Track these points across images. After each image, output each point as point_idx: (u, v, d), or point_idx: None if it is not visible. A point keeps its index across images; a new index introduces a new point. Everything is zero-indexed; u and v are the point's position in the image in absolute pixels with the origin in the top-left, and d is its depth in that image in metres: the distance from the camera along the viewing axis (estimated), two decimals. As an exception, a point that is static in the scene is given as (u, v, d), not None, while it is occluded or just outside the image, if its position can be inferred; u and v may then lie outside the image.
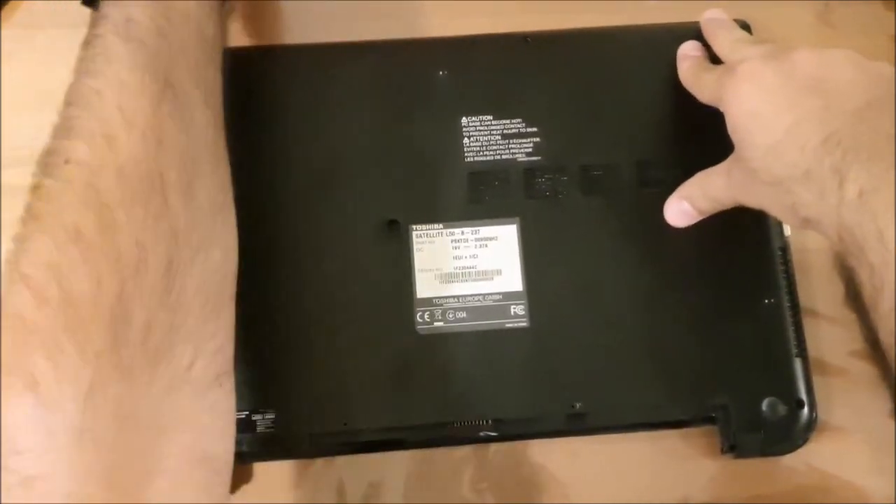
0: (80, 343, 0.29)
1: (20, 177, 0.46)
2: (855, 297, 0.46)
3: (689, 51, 0.46)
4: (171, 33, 0.36)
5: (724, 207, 0.42)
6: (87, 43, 0.35)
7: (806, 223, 0.37)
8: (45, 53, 0.49)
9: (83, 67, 0.35)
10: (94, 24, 0.36)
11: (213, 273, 0.35)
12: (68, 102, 0.34)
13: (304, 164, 0.45)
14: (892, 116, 0.34)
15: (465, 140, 0.46)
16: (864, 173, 0.33)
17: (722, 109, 0.40)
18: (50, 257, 0.30)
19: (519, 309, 0.43)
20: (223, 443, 0.34)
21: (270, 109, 0.45)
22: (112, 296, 0.30)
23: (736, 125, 0.39)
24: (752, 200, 0.40)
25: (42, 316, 0.29)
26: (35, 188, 0.32)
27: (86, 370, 0.29)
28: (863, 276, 0.34)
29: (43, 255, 0.30)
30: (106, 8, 0.36)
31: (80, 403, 0.29)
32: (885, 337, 0.34)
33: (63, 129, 0.33)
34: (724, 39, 0.44)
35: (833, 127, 0.35)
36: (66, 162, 0.32)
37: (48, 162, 0.33)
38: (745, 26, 0.48)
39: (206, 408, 0.33)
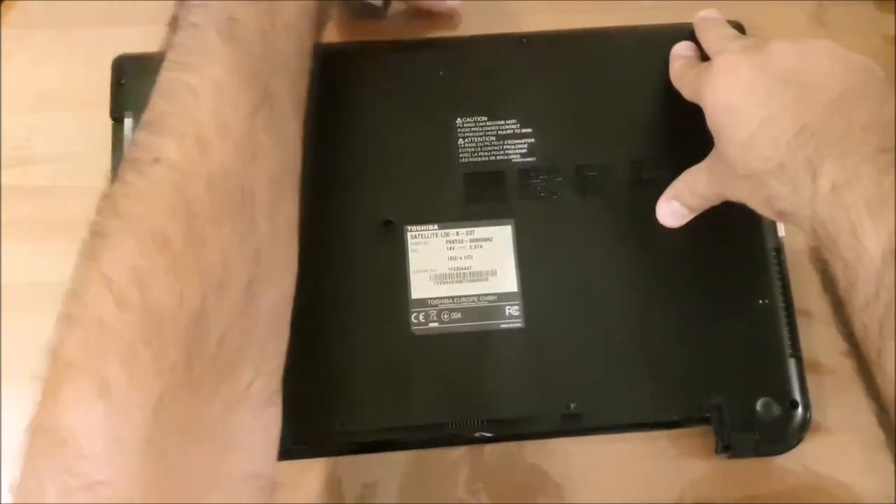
0: (155, 353, 0.28)
1: (17, 177, 0.47)
2: (830, 290, 0.46)
3: (681, 51, 0.46)
4: (274, 40, 0.34)
5: (712, 203, 0.42)
6: (180, 29, 0.34)
7: (781, 216, 0.37)
8: (41, 53, 0.49)
9: (177, 58, 0.33)
10: (188, 8, 0.34)
11: (283, 295, 0.34)
12: (159, 93, 0.32)
13: (299, 164, 0.45)
14: (866, 106, 0.34)
15: (460, 141, 0.46)
16: (837, 167, 0.33)
17: (701, 104, 0.40)
18: (134, 262, 0.29)
19: (514, 310, 0.43)
20: (270, 461, 0.34)
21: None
22: (192, 310, 0.29)
23: (713, 119, 0.39)
24: (733, 194, 0.40)
25: (121, 322, 0.28)
26: (121, 182, 0.31)
27: (158, 381, 0.28)
28: (837, 270, 0.34)
29: (127, 259, 0.29)
30: None
31: (149, 414, 0.28)
32: (859, 331, 0.34)
33: (153, 124, 0.32)
34: (712, 36, 0.44)
35: (806, 119, 0.35)
36: (156, 161, 0.31)
37: (136, 157, 0.31)
38: (739, 27, 0.48)
39: (260, 427, 0.32)
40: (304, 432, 0.41)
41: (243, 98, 0.32)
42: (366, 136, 0.45)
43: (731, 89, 0.38)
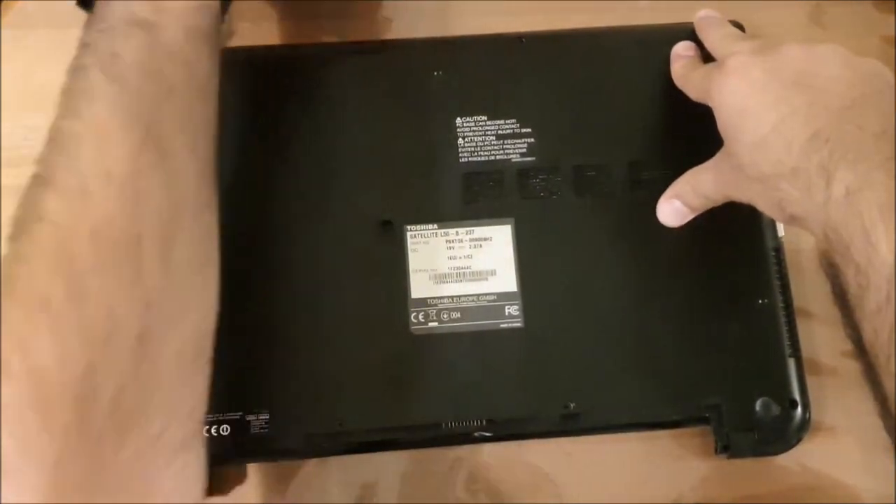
0: (44, 418, 0.28)
1: (16, 177, 0.46)
2: (840, 294, 0.46)
3: (682, 51, 0.46)
4: (157, 72, 0.33)
5: (715, 204, 0.42)
6: (74, 71, 0.33)
7: (793, 220, 0.37)
8: (38, 53, 0.49)
9: (66, 102, 0.33)
10: (81, 49, 0.34)
11: (189, 337, 0.33)
12: (48, 143, 0.32)
13: (298, 164, 0.45)
14: (879, 114, 0.35)
15: (460, 140, 0.46)
16: (851, 172, 0.33)
17: (710, 105, 0.40)
18: (16, 327, 0.29)
19: (513, 309, 0.43)
20: (192, 502, 0.33)
21: (264, 109, 0.45)
22: (79, 368, 0.29)
23: (723, 121, 0.39)
24: (741, 195, 0.40)
25: (6, 391, 0.28)
26: (12, 242, 0.30)
27: (52, 445, 0.28)
28: (848, 275, 0.34)
29: (9, 325, 0.29)
30: (94, 33, 0.34)
31: (47, 477, 0.28)
32: (869, 336, 0.34)
33: (40, 178, 0.31)
34: (715, 36, 0.44)
35: (820, 124, 0.35)
36: (40, 219, 0.30)
37: (23, 216, 0.31)
38: (738, 27, 0.48)
39: (175, 472, 0.32)
40: (303, 432, 0.41)
41: (126, 139, 0.32)
42: (365, 136, 0.45)
43: (743, 91, 0.38)
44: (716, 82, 0.39)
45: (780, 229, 0.45)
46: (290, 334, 0.42)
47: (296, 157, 0.45)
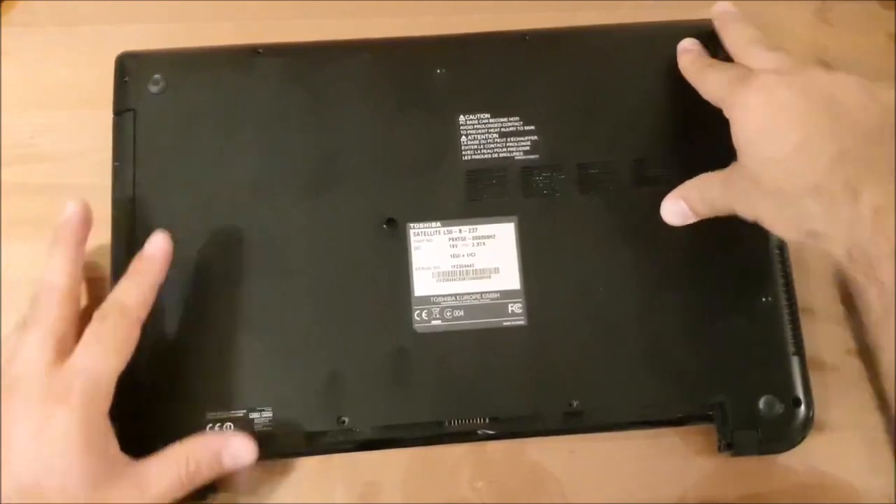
0: None
1: (19, 175, 0.47)
2: (850, 307, 0.45)
3: (690, 45, 0.46)
4: None
5: (719, 214, 0.42)
6: None
7: (810, 237, 0.36)
8: (44, 51, 0.49)
9: None
10: None
11: None
12: None
13: (301, 162, 0.45)
14: None
15: (463, 138, 0.46)
16: (880, 190, 0.33)
17: (727, 115, 0.40)
18: None
19: (516, 307, 0.43)
20: None
21: (268, 107, 0.45)
22: None
23: (743, 137, 0.39)
24: (749, 211, 0.39)
25: None
26: None
27: None
28: (872, 294, 0.33)
29: None
30: None
31: None
32: (888, 355, 0.33)
33: None
34: (737, 36, 0.43)
35: (846, 144, 0.34)
36: None
37: None
38: (745, 25, 0.47)
39: None
40: (306, 430, 0.41)
41: None
42: (368, 134, 0.45)
43: (767, 111, 0.38)
44: (739, 97, 0.39)
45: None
46: (294, 331, 0.42)
47: (299, 155, 0.45)
